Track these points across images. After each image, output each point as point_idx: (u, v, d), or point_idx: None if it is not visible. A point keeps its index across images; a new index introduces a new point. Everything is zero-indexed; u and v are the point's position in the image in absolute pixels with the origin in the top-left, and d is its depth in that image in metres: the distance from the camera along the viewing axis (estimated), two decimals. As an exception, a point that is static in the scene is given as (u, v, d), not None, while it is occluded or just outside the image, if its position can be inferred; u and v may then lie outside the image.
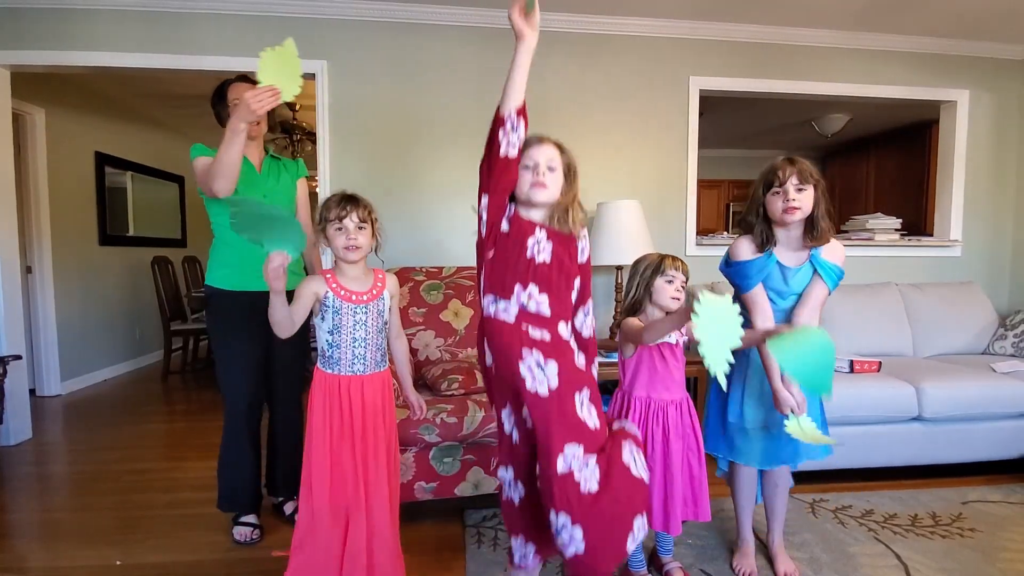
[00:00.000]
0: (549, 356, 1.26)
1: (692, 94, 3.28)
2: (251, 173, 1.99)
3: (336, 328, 1.51)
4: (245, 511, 2.05)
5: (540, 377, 1.25)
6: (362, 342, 1.53)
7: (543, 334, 1.29)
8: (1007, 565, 1.85)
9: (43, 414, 3.61)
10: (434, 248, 3.13)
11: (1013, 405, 2.46)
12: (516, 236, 1.32)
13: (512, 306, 1.30)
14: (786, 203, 1.58)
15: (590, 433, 1.25)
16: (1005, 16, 3.10)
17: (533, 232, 1.32)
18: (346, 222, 1.48)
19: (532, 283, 1.30)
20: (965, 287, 3.27)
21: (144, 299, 4.96)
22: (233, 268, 1.97)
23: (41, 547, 2.04)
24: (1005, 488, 2.43)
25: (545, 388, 1.24)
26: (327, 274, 1.52)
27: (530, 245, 1.31)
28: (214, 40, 2.93)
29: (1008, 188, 3.61)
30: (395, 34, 3.05)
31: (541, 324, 1.29)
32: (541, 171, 1.32)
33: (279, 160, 2.12)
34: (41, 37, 2.85)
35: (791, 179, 1.58)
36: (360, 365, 1.53)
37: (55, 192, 4.05)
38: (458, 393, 2.23)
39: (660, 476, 1.59)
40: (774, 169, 1.61)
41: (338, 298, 1.50)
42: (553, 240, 1.33)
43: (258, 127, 1.98)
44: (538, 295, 1.30)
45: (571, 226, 1.36)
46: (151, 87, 4.37)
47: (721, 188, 6.96)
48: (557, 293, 1.32)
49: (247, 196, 1.94)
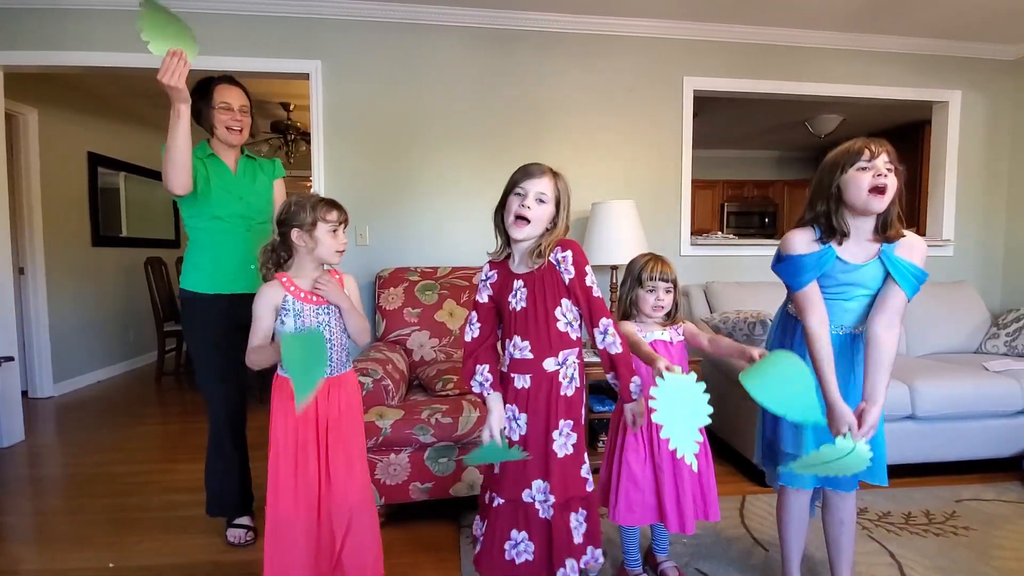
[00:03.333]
0: (522, 410, 1.42)
1: (686, 94, 3.29)
2: (226, 175, 1.96)
3: (298, 331, 1.47)
4: (234, 514, 2.04)
5: (513, 426, 1.43)
6: (327, 343, 1.50)
7: (524, 381, 1.41)
8: (1001, 563, 1.85)
9: (36, 416, 3.59)
10: (428, 249, 3.13)
11: (1006, 404, 2.47)
12: (499, 296, 1.44)
13: (506, 357, 1.45)
14: (875, 179, 1.35)
15: (557, 464, 1.39)
16: (997, 17, 3.12)
17: (511, 288, 1.41)
18: (341, 226, 1.51)
19: (516, 334, 1.41)
20: (957, 286, 3.29)
21: (137, 300, 4.94)
22: (207, 271, 1.93)
23: (34, 550, 2.03)
24: (999, 486, 2.44)
25: (516, 435, 1.43)
26: (282, 278, 1.49)
27: (511, 301, 1.41)
28: (208, 40, 2.90)
29: (1000, 188, 3.63)
30: (390, 34, 3.05)
31: (525, 369, 1.41)
32: (528, 203, 1.34)
33: (255, 160, 2.07)
34: (34, 37, 2.83)
35: (882, 155, 1.37)
36: (326, 367, 1.50)
37: (48, 192, 4.03)
38: (453, 393, 2.23)
39: (670, 475, 1.56)
40: (859, 148, 1.38)
41: (298, 300, 1.48)
42: (528, 285, 1.39)
43: (240, 135, 1.96)
44: (521, 343, 1.40)
45: (545, 257, 1.38)
46: (144, 87, 4.34)
47: (716, 188, 6.98)
48: (537, 334, 1.39)
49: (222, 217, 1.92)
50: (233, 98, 1.93)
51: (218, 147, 1.97)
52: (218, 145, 1.97)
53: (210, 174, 1.92)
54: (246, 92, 1.99)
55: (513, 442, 1.43)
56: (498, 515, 1.42)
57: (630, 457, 1.57)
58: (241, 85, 1.99)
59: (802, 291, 1.45)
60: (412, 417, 2.04)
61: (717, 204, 6.98)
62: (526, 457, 1.36)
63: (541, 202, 1.35)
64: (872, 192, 1.36)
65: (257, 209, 1.99)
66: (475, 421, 2.06)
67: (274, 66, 2.96)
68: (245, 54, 2.92)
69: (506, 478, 1.41)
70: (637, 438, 1.57)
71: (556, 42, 3.15)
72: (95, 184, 4.60)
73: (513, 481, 1.40)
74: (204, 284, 1.93)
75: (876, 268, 1.43)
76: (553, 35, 3.14)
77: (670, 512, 1.56)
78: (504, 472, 1.41)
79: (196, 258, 1.95)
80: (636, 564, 1.75)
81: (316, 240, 1.48)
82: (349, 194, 2.92)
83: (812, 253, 1.43)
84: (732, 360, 2.44)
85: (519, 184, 1.36)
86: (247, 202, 1.97)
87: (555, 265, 1.39)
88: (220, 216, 1.92)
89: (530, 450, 1.38)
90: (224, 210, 1.92)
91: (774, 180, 7.14)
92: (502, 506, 1.42)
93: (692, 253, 3.35)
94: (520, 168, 1.39)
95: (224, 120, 1.92)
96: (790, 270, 1.46)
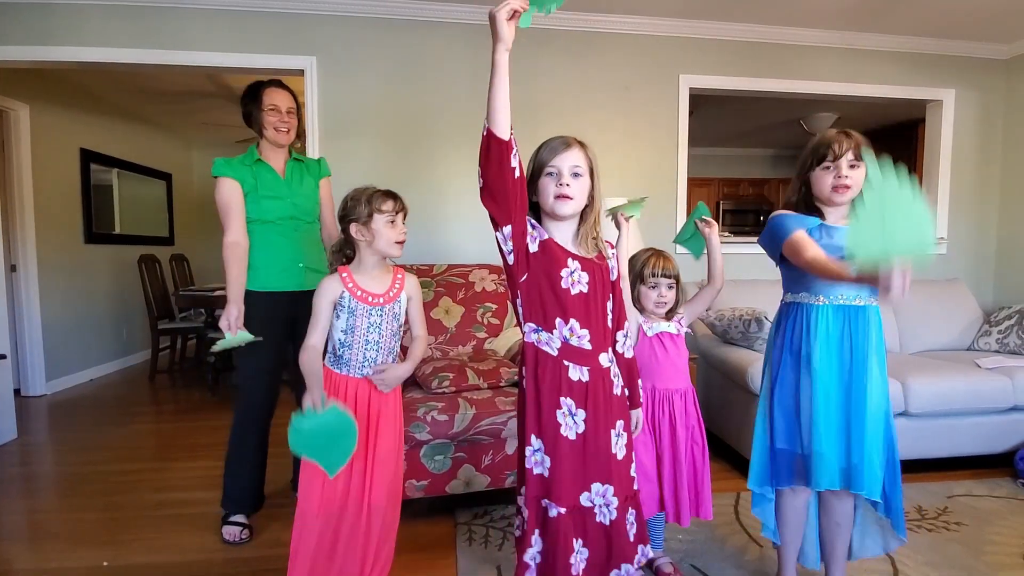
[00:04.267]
0: (579, 405, 1.29)
1: (682, 92, 3.30)
2: (275, 180, 2.02)
3: (350, 328, 1.48)
4: (249, 512, 2.06)
5: (570, 423, 1.28)
6: (375, 345, 1.50)
7: (582, 374, 1.29)
8: (992, 558, 1.87)
9: (28, 414, 3.56)
10: (424, 246, 3.12)
11: (997, 400, 2.49)
12: (547, 266, 1.27)
13: (555, 339, 1.29)
14: (837, 180, 1.41)
15: (616, 465, 1.32)
16: (990, 17, 3.14)
17: (566, 263, 1.27)
18: (399, 215, 1.49)
19: (573, 318, 1.28)
20: (950, 284, 3.31)
21: (131, 298, 4.91)
22: (256, 269, 1.98)
23: (28, 548, 2.02)
24: (990, 482, 2.46)
25: (573, 433, 1.28)
26: (343, 272, 1.49)
27: (564, 276, 1.27)
28: (201, 36, 2.90)
29: (992, 187, 3.65)
30: (385, 31, 3.03)
31: (582, 360, 1.29)
32: (565, 179, 1.25)
33: (302, 162, 2.13)
34: (25, 32, 2.80)
35: (847, 154, 1.41)
36: (371, 368, 1.51)
37: (40, 189, 4.00)
38: (449, 391, 2.23)
39: (669, 466, 1.61)
40: (827, 142, 1.43)
41: (354, 299, 1.47)
42: (587, 270, 1.29)
43: (288, 135, 2.02)
44: (579, 330, 1.28)
45: (601, 247, 1.34)
46: (137, 83, 4.32)
47: (711, 186, 7.00)
48: (596, 325, 1.30)
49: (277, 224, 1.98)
50: (281, 100, 2.01)
51: (267, 150, 2.04)
52: (267, 147, 2.04)
53: (258, 183, 1.97)
54: (293, 95, 2.07)
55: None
56: (559, 526, 1.27)
57: (639, 448, 1.56)
58: (288, 88, 2.06)
59: (791, 236, 1.43)
60: (408, 414, 2.03)
61: (712, 202, 7.01)
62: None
63: (577, 176, 1.27)
64: (835, 190, 1.43)
65: (305, 210, 2.07)
66: (471, 419, 2.06)
67: (268, 63, 2.95)
68: (239, 50, 2.91)
69: (562, 484, 1.27)
70: (644, 431, 1.60)
71: (551, 39, 3.15)
72: (88, 181, 4.57)
73: (571, 485, 1.28)
74: (254, 282, 1.97)
75: None
76: (548, 32, 3.13)
77: (667, 499, 1.60)
78: (558, 477, 1.27)
79: (249, 258, 1.99)
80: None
81: (374, 232, 1.47)
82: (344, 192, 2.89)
83: (796, 214, 1.49)
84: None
85: (549, 163, 1.26)
86: (294, 203, 2.03)
87: (607, 258, 1.35)
88: (270, 220, 1.99)
89: (588, 451, 1.28)
90: (273, 214, 1.99)
91: (769, 178, 7.17)
92: (563, 515, 1.28)
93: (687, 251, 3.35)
94: (544, 146, 1.29)
95: (272, 121, 1.99)
96: (775, 228, 1.48)
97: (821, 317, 1.47)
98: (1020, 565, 1.83)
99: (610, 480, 1.30)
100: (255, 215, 1.98)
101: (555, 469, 1.27)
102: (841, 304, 1.46)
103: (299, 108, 2.10)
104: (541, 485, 1.29)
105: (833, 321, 1.46)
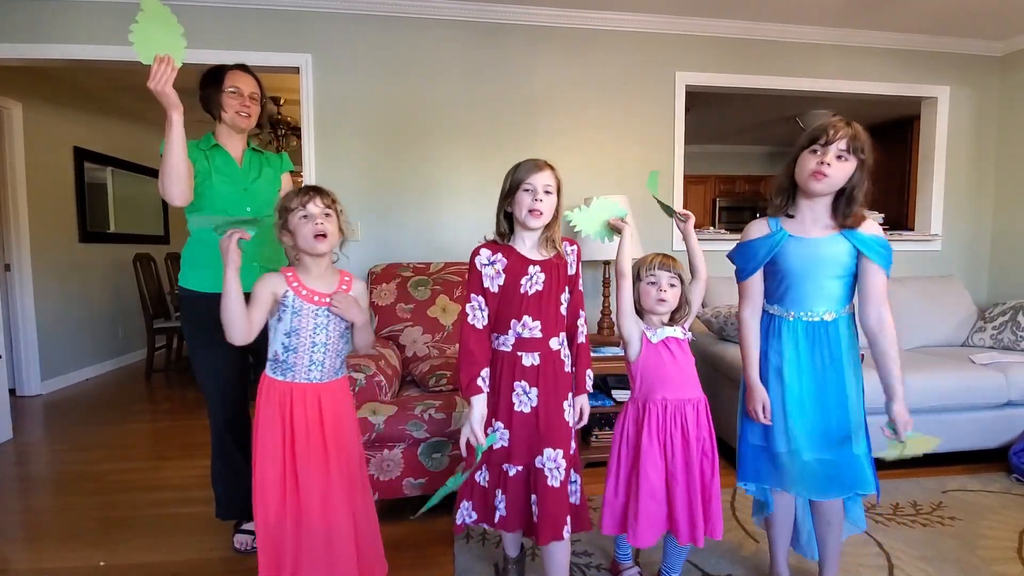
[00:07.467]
0: (533, 384, 1.49)
1: (678, 89, 3.30)
2: (232, 167, 1.90)
3: (294, 331, 1.41)
4: (247, 517, 1.95)
5: (524, 400, 1.50)
6: (321, 347, 1.43)
7: (534, 358, 1.49)
8: (986, 552, 1.88)
9: (23, 414, 3.55)
10: (421, 244, 3.12)
11: (992, 396, 2.51)
12: (510, 283, 1.48)
13: (510, 338, 1.49)
14: (817, 166, 1.37)
15: (567, 431, 1.51)
16: (985, 14, 3.15)
17: (526, 271, 1.48)
18: (310, 207, 1.40)
19: (526, 314, 1.48)
20: (945, 281, 3.33)
21: (126, 297, 4.89)
22: (209, 269, 1.79)
23: (24, 548, 2.01)
24: (984, 477, 2.48)
25: (528, 408, 1.50)
26: (287, 272, 1.43)
27: (523, 283, 1.48)
28: (194, 32, 2.84)
29: (987, 183, 3.67)
30: (381, 28, 3.02)
31: (534, 347, 1.49)
32: (539, 195, 1.45)
33: (262, 154, 2.01)
34: (16, 29, 2.78)
35: (838, 142, 1.37)
36: (317, 372, 1.43)
37: (33, 188, 3.98)
38: (446, 389, 2.23)
39: (683, 486, 1.49)
40: (824, 126, 1.39)
41: (299, 298, 1.40)
42: (546, 271, 1.49)
43: (247, 119, 1.90)
44: (531, 323, 1.48)
45: (558, 248, 1.53)
46: (131, 80, 4.29)
47: (708, 184, 7.01)
48: (547, 315, 1.49)
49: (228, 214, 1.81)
50: (244, 84, 1.88)
51: (224, 135, 1.91)
52: (224, 132, 1.91)
53: (212, 168, 1.84)
54: (258, 80, 1.95)
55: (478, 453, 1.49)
56: (516, 483, 1.51)
57: (648, 467, 1.49)
58: (253, 73, 1.94)
59: (745, 282, 1.57)
60: (405, 413, 2.04)
61: (709, 199, 7.02)
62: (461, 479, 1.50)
63: (548, 193, 1.46)
64: (812, 175, 1.39)
65: (261, 202, 1.90)
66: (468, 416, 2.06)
67: (264, 60, 2.93)
68: (234, 48, 2.89)
69: (517, 447, 1.50)
70: (653, 446, 1.50)
71: (547, 36, 3.14)
72: (82, 179, 4.54)
73: (527, 449, 1.49)
74: (205, 283, 1.83)
75: (837, 243, 1.44)
76: (544, 29, 3.13)
77: (681, 521, 1.49)
78: (515, 442, 1.50)
79: (196, 254, 1.87)
80: (626, 557, 1.76)
81: (293, 232, 1.41)
82: (341, 189, 2.87)
83: (763, 236, 1.51)
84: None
85: (526, 180, 1.45)
86: (251, 195, 1.89)
87: (564, 256, 1.54)
88: (221, 209, 1.82)
89: (543, 421, 1.49)
90: (225, 200, 1.84)
91: (766, 175, 7.18)
92: (519, 473, 1.50)
93: (683, 249, 3.34)
94: (520, 166, 1.48)
95: (233, 105, 1.86)
96: (741, 254, 1.57)
97: (790, 331, 1.51)
98: (1014, 559, 1.85)
99: (560, 445, 1.48)
100: (206, 203, 1.82)
101: (514, 435, 1.50)
102: (810, 320, 1.49)
103: (263, 95, 1.96)
104: (498, 452, 1.53)
105: (803, 336, 1.50)
